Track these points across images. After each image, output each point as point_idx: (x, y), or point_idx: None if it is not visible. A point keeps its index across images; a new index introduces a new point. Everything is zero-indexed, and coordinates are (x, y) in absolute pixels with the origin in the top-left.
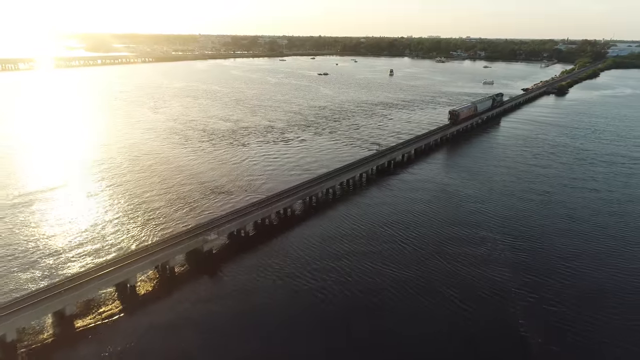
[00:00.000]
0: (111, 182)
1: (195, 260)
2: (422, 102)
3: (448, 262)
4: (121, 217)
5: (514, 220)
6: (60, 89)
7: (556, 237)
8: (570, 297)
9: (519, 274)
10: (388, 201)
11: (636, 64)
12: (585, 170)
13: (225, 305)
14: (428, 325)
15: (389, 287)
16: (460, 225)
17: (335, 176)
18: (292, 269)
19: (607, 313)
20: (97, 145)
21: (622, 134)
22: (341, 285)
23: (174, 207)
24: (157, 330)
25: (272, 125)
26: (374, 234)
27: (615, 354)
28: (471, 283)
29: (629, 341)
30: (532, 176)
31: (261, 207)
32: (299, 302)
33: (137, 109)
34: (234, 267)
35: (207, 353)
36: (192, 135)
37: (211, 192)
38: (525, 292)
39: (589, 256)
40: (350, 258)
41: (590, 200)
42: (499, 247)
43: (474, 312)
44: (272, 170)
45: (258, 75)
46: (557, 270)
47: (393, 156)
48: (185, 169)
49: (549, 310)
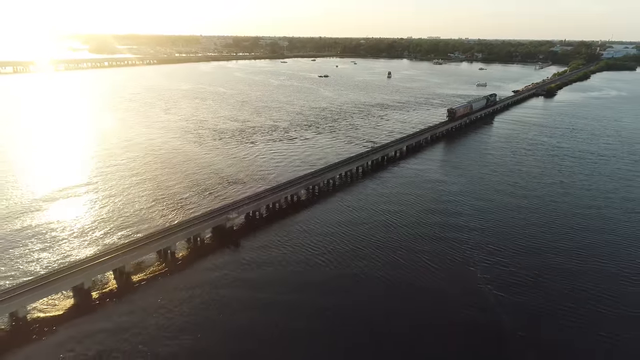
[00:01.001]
0: (144, 176)
1: (220, 234)
2: (416, 104)
3: (427, 238)
4: (158, 203)
5: (485, 206)
6: (78, 90)
7: (516, 216)
8: (521, 259)
9: (482, 242)
10: (380, 191)
11: (628, 66)
12: (555, 165)
13: (243, 271)
14: (409, 285)
15: (376, 257)
16: (440, 212)
17: (334, 169)
18: (297, 244)
19: (544, 267)
20: (125, 144)
21: (596, 133)
22: (338, 256)
23: (199, 194)
24: (189, 287)
25: (277, 125)
26: (367, 217)
27: (543, 292)
28: (444, 254)
29: (557, 284)
30: (506, 169)
31: (272, 194)
32: (303, 269)
33: (151, 110)
34: (251, 240)
35: (226, 306)
36: (205, 134)
37: (228, 183)
38: (484, 256)
39: (540, 227)
40: (346, 236)
41: (552, 189)
42: (470, 225)
43: (443, 272)
44: (279, 164)
45: (261, 78)
46: (513, 240)
47: (386, 152)
48: (203, 164)
49: (502, 269)
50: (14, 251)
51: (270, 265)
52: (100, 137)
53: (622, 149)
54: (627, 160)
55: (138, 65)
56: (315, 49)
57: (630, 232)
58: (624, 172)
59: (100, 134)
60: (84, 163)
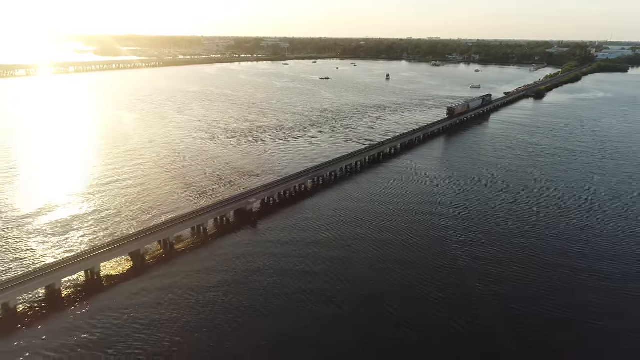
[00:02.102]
0: (172, 171)
1: (241, 215)
2: (411, 105)
3: (412, 222)
4: (188, 191)
5: (463, 194)
6: (93, 93)
7: (491, 204)
8: (487, 227)
9: (457, 223)
10: (376, 182)
11: (620, 68)
12: (530, 160)
13: (260, 245)
14: (395, 255)
15: (370, 235)
16: (424, 197)
17: (336, 163)
18: (305, 225)
19: (505, 233)
20: (149, 143)
21: (574, 132)
22: (338, 234)
23: (220, 184)
24: (218, 255)
25: (282, 125)
26: (364, 204)
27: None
28: (423, 226)
29: (514, 241)
30: (485, 164)
31: (283, 183)
32: (310, 244)
33: (165, 111)
34: (266, 221)
35: (247, 271)
36: (218, 133)
37: (244, 175)
38: (459, 233)
39: (511, 213)
40: (345, 219)
41: (525, 180)
42: (449, 209)
43: (422, 239)
44: (287, 159)
45: (264, 80)
46: (480, 211)
47: (382, 149)
48: (220, 160)
49: (467, 235)
50: (99, 216)
51: (282, 241)
52: (126, 136)
53: (594, 146)
54: (596, 156)
55: (144, 67)
56: (316, 51)
57: (579, 211)
58: (589, 167)
59: (124, 134)
60: (121, 160)
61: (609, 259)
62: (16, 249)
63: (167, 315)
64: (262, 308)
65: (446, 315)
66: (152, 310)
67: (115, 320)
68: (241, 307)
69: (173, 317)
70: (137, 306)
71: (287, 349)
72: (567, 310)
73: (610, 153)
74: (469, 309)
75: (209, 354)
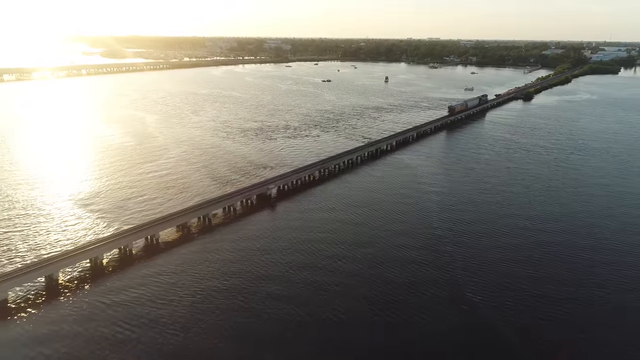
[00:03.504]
0: (198, 163)
1: (262, 199)
2: (407, 107)
3: (399, 201)
4: (214, 180)
5: (446, 179)
6: (112, 95)
7: (467, 188)
8: (463, 207)
9: (441, 208)
10: (374, 174)
11: (611, 70)
12: (507, 155)
13: (277, 221)
14: (385, 231)
15: (367, 217)
16: (413, 184)
17: (339, 157)
18: (314, 208)
19: (477, 211)
20: (173, 141)
21: (552, 131)
22: (340, 215)
23: (241, 174)
24: (245, 230)
25: (289, 124)
26: (363, 192)
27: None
28: (410, 207)
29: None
30: (468, 158)
31: (294, 174)
32: (318, 222)
33: (182, 112)
34: (282, 204)
35: (271, 241)
36: (233, 132)
37: (260, 167)
38: (446, 217)
39: (483, 194)
40: (347, 203)
41: (502, 172)
42: (431, 195)
43: (407, 217)
44: (296, 154)
45: (269, 82)
46: (457, 195)
47: (379, 146)
48: (238, 154)
49: (449, 215)
50: (144, 199)
51: (297, 219)
52: (152, 135)
53: (566, 143)
54: (565, 152)
55: (152, 70)
56: (317, 52)
57: (539, 196)
58: (558, 161)
59: (149, 134)
60: (153, 155)
61: (563, 231)
62: (99, 216)
63: (209, 272)
64: (280, 270)
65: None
66: (199, 267)
67: (181, 267)
68: (268, 265)
69: (213, 274)
70: (190, 261)
71: (297, 290)
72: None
73: (579, 149)
74: (431, 245)
75: (248, 297)
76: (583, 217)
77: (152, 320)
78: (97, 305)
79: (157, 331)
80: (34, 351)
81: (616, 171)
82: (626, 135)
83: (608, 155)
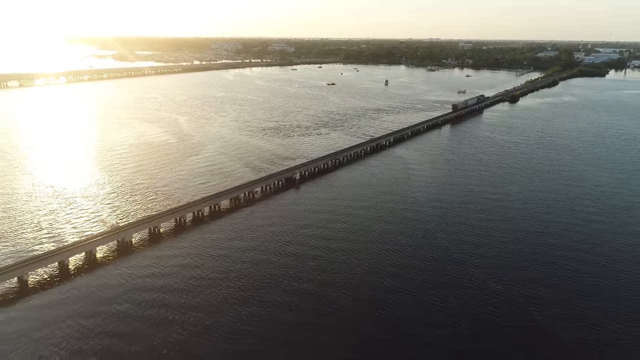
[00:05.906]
0: (232, 155)
1: (289, 182)
2: (403, 108)
3: (393, 185)
4: (249, 168)
5: (432, 171)
6: (139, 98)
7: (446, 174)
8: (445, 193)
9: (430, 199)
10: (376, 164)
11: (598, 72)
12: (485, 150)
13: (301, 202)
14: (380, 215)
15: (370, 198)
16: (405, 173)
17: (346, 151)
18: (330, 189)
19: (458, 196)
20: (208, 138)
21: (525, 129)
22: (350, 195)
23: (270, 164)
24: (281, 208)
25: (301, 124)
26: (366, 179)
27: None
28: (403, 194)
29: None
30: (450, 152)
31: (312, 163)
32: (332, 201)
33: (207, 114)
34: (305, 187)
35: (297, 219)
36: (254, 130)
37: (284, 159)
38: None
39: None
40: (354, 185)
41: (473, 162)
42: (417, 177)
43: (399, 197)
44: (311, 148)
45: (278, 85)
46: (438, 178)
47: (379, 142)
48: (263, 149)
49: (432, 196)
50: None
51: (317, 197)
52: (188, 134)
53: (534, 140)
54: (531, 147)
55: (166, 73)
56: (321, 55)
57: (500, 182)
58: (526, 154)
59: (186, 133)
60: (194, 150)
61: (524, 218)
62: (148, 198)
63: (245, 245)
64: (309, 241)
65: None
66: (234, 242)
67: (213, 243)
68: (297, 237)
69: (248, 246)
70: (227, 231)
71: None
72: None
73: (544, 145)
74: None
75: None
76: (528, 197)
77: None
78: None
79: (197, 298)
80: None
81: (568, 162)
82: (587, 133)
83: (567, 150)
